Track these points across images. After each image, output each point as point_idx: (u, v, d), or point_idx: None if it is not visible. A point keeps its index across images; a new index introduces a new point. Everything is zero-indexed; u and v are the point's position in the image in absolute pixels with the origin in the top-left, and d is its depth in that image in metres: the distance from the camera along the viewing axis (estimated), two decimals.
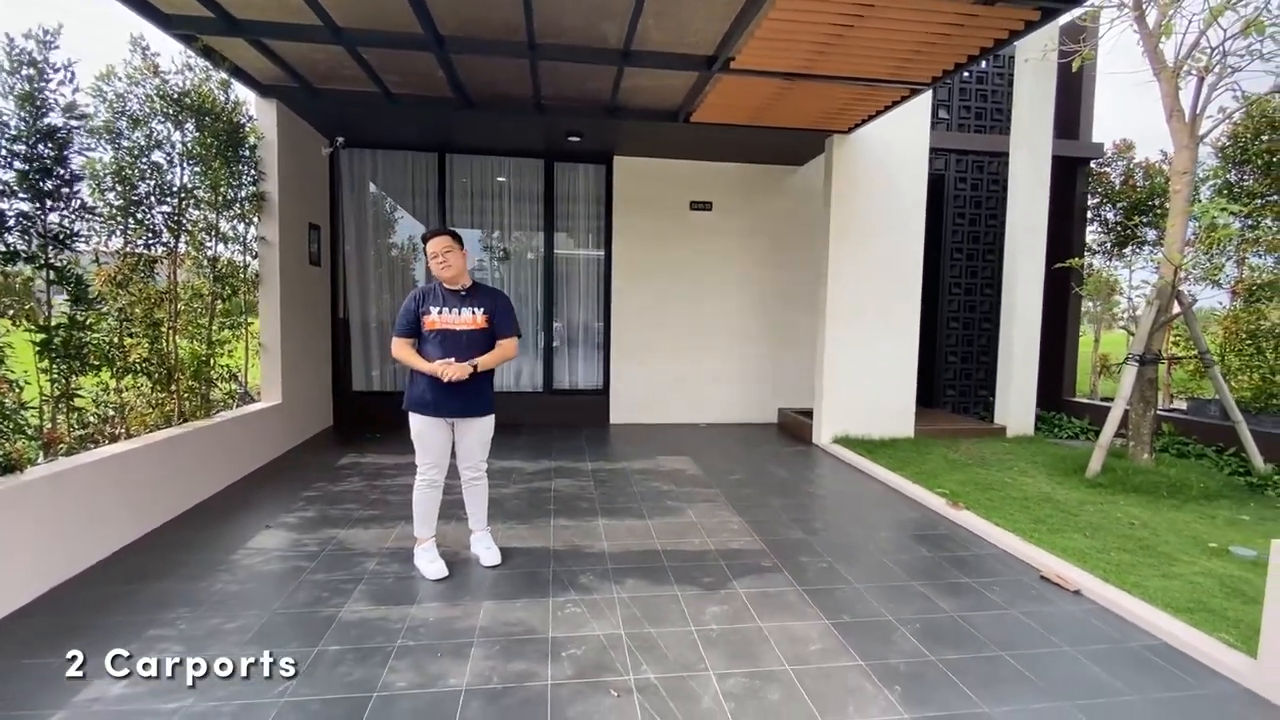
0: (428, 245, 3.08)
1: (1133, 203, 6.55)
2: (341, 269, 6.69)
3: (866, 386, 6.17)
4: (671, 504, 4.30)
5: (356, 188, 6.75)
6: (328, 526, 3.75)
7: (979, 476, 5.08)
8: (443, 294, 3.13)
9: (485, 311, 3.16)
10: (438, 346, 3.08)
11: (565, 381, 7.16)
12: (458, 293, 3.14)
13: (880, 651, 2.54)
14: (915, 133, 6.11)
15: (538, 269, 7.04)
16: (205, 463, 4.21)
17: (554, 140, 6.42)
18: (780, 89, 4.83)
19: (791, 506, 4.41)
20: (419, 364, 3.09)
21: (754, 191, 7.18)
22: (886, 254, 6.13)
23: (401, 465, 5.12)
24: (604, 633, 2.63)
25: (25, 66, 3.04)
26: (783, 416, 7.23)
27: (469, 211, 6.94)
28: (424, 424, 3.19)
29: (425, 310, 3.09)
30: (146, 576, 3.06)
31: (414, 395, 3.18)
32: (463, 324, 3.11)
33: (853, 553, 3.57)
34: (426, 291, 3.14)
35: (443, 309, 3.09)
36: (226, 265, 4.74)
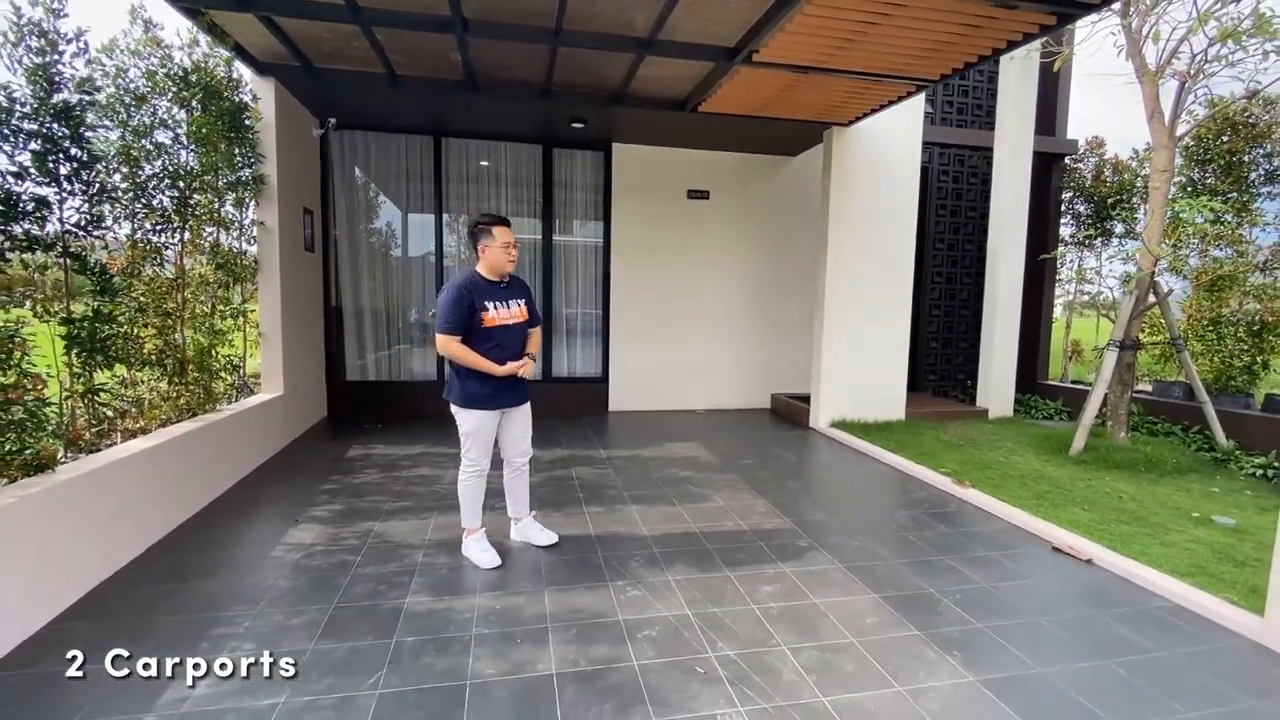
0: (495, 232, 3.01)
1: (1103, 197, 6.96)
2: (333, 255, 6.49)
3: (861, 372, 6.40)
4: (695, 489, 4.41)
5: (347, 171, 6.54)
6: (361, 519, 3.70)
7: (974, 456, 5.38)
8: (488, 288, 3.07)
9: (525, 303, 3.22)
10: (497, 343, 3.05)
11: (564, 369, 7.16)
12: (499, 286, 3.11)
13: (931, 621, 2.72)
14: (910, 126, 6.31)
15: (535, 256, 6.99)
16: (220, 457, 4.08)
17: (555, 126, 6.35)
18: (792, 82, 4.92)
19: (808, 488, 4.58)
20: (488, 366, 3.02)
21: (748, 181, 7.29)
22: (881, 243, 6.34)
23: (413, 456, 5.06)
24: (671, 614, 2.72)
25: (34, 37, 2.85)
26: (776, 402, 7.43)
27: (465, 197, 6.81)
28: (484, 419, 3.14)
29: (482, 307, 3.01)
30: (189, 575, 2.98)
31: (474, 392, 3.08)
32: (514, 319, 3.13)
33: (879, 531, 3.75)
34: (473, 286, 3.02)
35: (496, 305, 3.06)
36: (229, 252, 4.55)
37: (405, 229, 6.89)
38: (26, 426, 2.63)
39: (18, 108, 2.76)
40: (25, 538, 2.45)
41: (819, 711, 2.12)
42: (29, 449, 2.65)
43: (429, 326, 6.88)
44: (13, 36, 2.77)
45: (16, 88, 2.79)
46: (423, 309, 6.90)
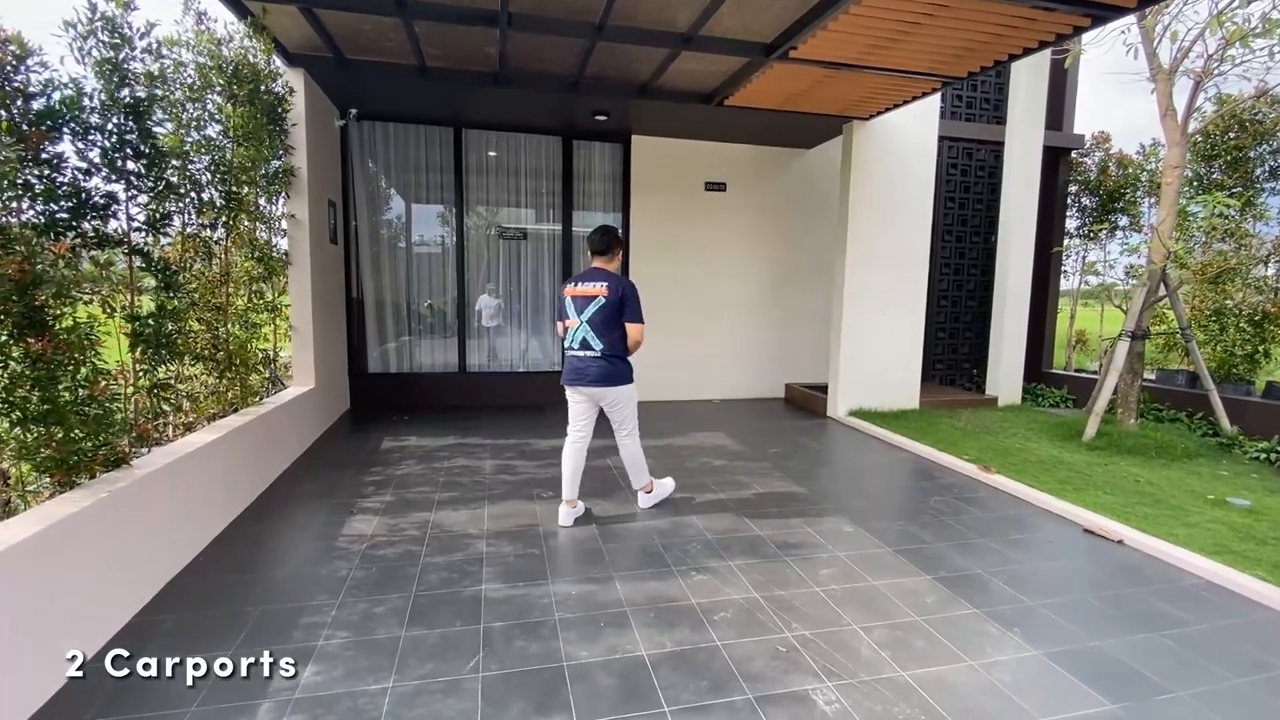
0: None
1: (1109, 191, 7.16)
2: (354, 247, 6.47)
3: (878, 361, 6.55)
4: (732, 477, 4.53)
5: (367, 162, 6.50)
6: (415, 510, 3.76)
7: (992, 443, 5.56)
8: None
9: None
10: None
11: None
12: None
13: (986, 600, 2.86)
14: (926, 120, 6.43)
15: (555, 247, 7.03)
16: (264, 451, 4.11)
17: (578, 118, 6.37)
18: (823, 78, 5.00)
19: (840, 476, 4.72)
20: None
21: (764, 173, 7.37)
22: (898, 235, 6.48)
23: (448, 447, 5.12)
24: (740, 597, 2.84)
25: (105, 31, 2.84)
26: (790, 391, 7.57)
27: (485, 189, 6.82)
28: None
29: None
30: (261, 567, 3.03)
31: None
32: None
33: (917, 516, 3.90)
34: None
35: None
36: (265, 245, 4.55)
37: (423, 220, 6.88)
38: (104, 424, 2.66)
39: (87, 102, 2.75)
40: (110, 534, 2.48)
41: (903, 685, 2.25)
42: (107, 445, 2.68)
43: (449, 318, 6.91)
44: (83, 29, 2.76)
45: (86, 81, 2.78)
46: (442, 300, 6.92)
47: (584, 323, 3.53)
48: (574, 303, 3.57)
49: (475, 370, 6.93)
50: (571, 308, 3.58)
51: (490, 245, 6.94)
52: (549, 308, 7.10)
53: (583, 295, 3.54)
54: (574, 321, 3.56)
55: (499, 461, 4.77)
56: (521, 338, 7.06)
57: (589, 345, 3.55)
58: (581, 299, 3.54)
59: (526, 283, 7.04)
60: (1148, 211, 6.97)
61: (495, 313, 6.96)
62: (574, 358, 3.62)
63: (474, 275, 6.90)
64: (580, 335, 3.55)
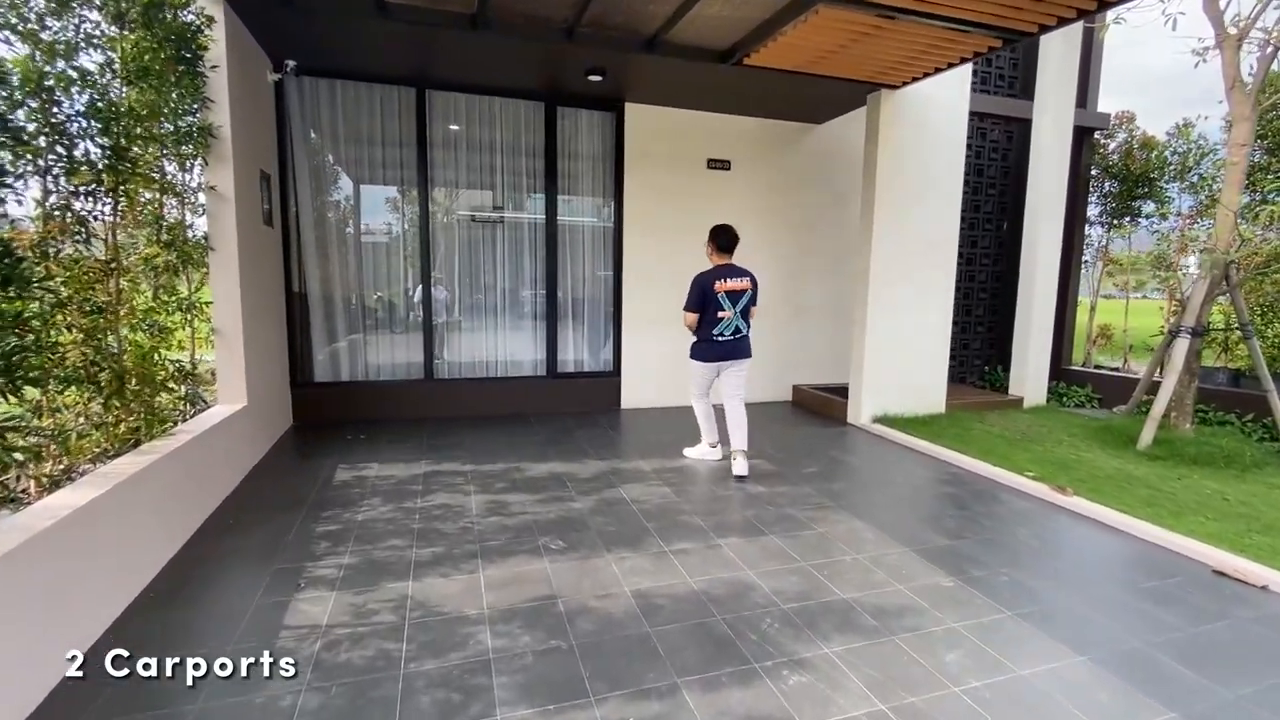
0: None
1: (1135, 175, 6.68)
2: (295, 230, 5.36)
3: (903, 361, 5.89)
4: (778, 510, 3.74)
5: (309, 127, 5.38)
6: (387, 577, 2.81)
7: (1044, 454, 4.96)
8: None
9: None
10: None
11: (570, 363, 6.31)
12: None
13: (1172, 692, 2.15)
14: (957, 91, 5.77)
15: (536, 232, 6.07)
16: (177, 498, 3.07)
17: (567, 78, 5.42)
18: (870, 29, 4.23)
19: (899, 503, 3.99)
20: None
21: (770, 150, 6.58)
22: (928, 220, 5.81)
23: (420, 477, 4.15)
24: (862, 712, 2.04)
25: None
26: (799, 394, 6.86)
27: (453, 164, 5.79)
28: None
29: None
30: (155, 700, 2.05)
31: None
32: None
33: (1019, 560, 3.19)
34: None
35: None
36: (176, 225, 3.47)
37: (378, 201, 5.81)
38: None
39: None
40: None
41: None
42: None
43: (411, 316, 5.88)
44: None
45: None
46: (395, 292, 5.88)
47: (737, 313, 4.28)
48: (729, 297, 4.25)
49: (444, 377, 5.92)
50: (727, 301, 4.24)
51: (461, 231, 5.92)
52: (532, 302, 6.14)
53: (735, 290, 4.26)
54: (729, 313, 4.26)
55: (487, 497, 3.84)
56: (498, 338, 6.09)
57: (739, 330, 4.33)
58: (735, 293, 4.26)
59: (504, 274, 6.06)
60: (1178, 198, 6.55)
61: (443, 307, 5.94)
62: (728, 342, 4.32)
63: (441, 266, 5.88)
64: (734, 324, 4.29)
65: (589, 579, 2.85)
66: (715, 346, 4.31)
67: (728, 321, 4.25)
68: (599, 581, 2.83)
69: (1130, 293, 6.97)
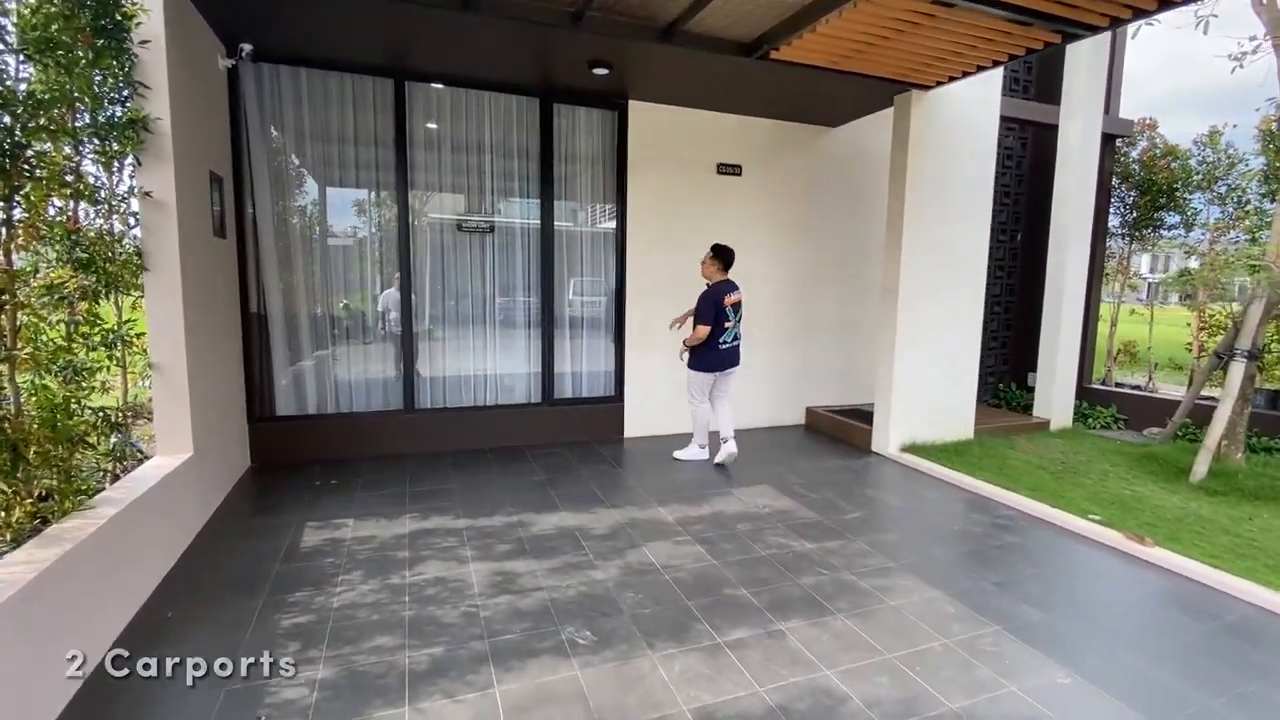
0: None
1: (1158, 186, 6.37)
2: (253, 241, 4.64)
3: (931, 384, 5.44)
4: (837, 577, 3.20)
5: (271, 122, 4.67)
6: (374, 703, 2.17)
7: (1095, 489, 4.55)
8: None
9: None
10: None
11: (568, 388, 5.69)
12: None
13: None
14: (988, 94, 5.35)
15: (530, 242, 5.44)
16: (90, 596, 2.38)
17: (567, 71, 4.81)
18: (917, 19, 3.75)
19: (965, 561, 3.49)
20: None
21: (782, 154, 6.08)
22: (956, 232, 5.38)
23: (406, 538, 3.49)
24: None
25: None
26: (813, 417, 6.37)
27: (437, 167, 5.12)
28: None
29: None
30: None
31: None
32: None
33: (1129, 640, 2.71)
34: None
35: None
36: (97, 238, 2.78)
37: (350, 207, 5.11)
38: None
39: None
40: None
41: None
42: None
43: (389, 338, 5.19)
44: None
45: None
46: (370, 313, 5.19)
47: (737, 322, 4.85)
48: (734, 309, 4.82)
49: (427, 407, 5.25)
50: (733, 313, 4.81)
51: (446, 242, 5.26)
52: (525, 321, 5.51)
53: (738, 302, 4.84)
54: (732, 323, 4.82)
55: (490, 566, 3.21)
56: (487, 361, 5.44)
57: (738, 338, 4.90)
58: (737, 305, 4.84)
59: (494, 289, 5.42)
60: (1205, 209, 6.26)
61: (425, 327, 5.26)
62: (730, 350, 4.88)
63: (423, 281, 5.21)
64: (735, 332, 4.85)
65: (634, 692, 2.26)
66: (721, 355, 4.83)
67: (731, 331, 4.82)
68: (647, 695, 2.24)
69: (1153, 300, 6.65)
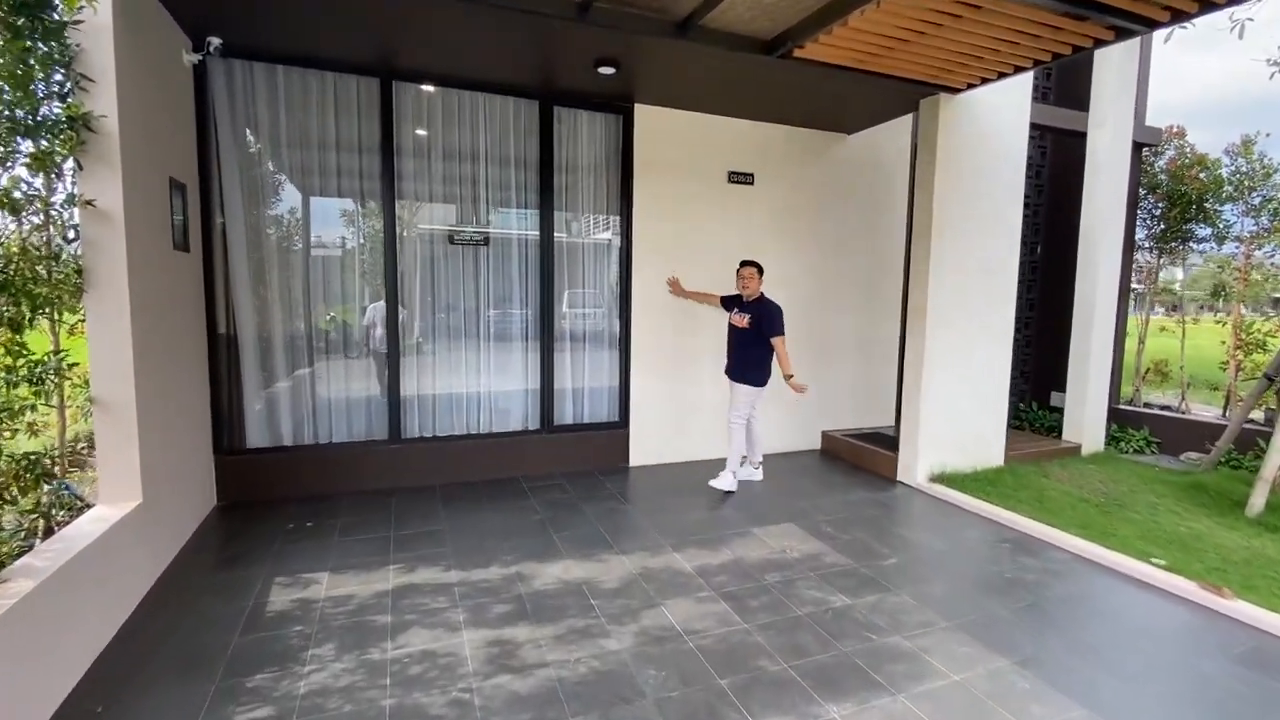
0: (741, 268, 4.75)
1: (1188, 197, 6.06)
2: (222, 255, 4.20)
3: (962, 407, 5.06)
4: (883, 642, 2.78)
5: (244, 125, 4.24)
6: None
7: (1147, 525, 4.16)
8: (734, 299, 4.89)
9: (750, 317, 4.62)
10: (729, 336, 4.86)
11: (569, 413, 5.26)
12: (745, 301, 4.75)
13: None
14: (1019, 99, 5.02)
15: (528, 254, 5.03)
16: (13, 675, 1.92)
17: (569, 69, 4.42)
18: (959, 12, 3.40)
19: (1026, 617, 3.06)
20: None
21: (795, 162, 5.72)
22: (986, 246, 5.02)
23: (386, 597, 3.04)
24: None
25: None
26: (830, 442, 5.97)
27: (426, 174, 4.71)
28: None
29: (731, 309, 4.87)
30: None
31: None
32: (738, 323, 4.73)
33: (1224, 716, 2.31)
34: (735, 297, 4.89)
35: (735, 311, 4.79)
36: (22, 254, 2.34)
37: (332, 217, 4.68)
38: None
39: None
40: None
41: None
42: None
43: (373, 359, 4.75)
44: None
45: None
46: (354, 333, 4.75)
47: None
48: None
49: (415, 436, 4.80)
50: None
51: (437, 255, 4.84)
52: (523, 339, 5.09)
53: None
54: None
55: (486, 634, 2.76)
56: (481, 383, 5.00)
57: None
58: None
59: (489, 306, 5.00)
60: (1240, 221, 5.95)
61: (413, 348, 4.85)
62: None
63: (412, 297, 4.79)
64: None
65: None
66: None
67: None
68: None
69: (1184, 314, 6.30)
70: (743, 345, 4.66)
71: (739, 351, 4.69)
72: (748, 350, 4.63)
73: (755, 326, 4.57)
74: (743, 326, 4.63)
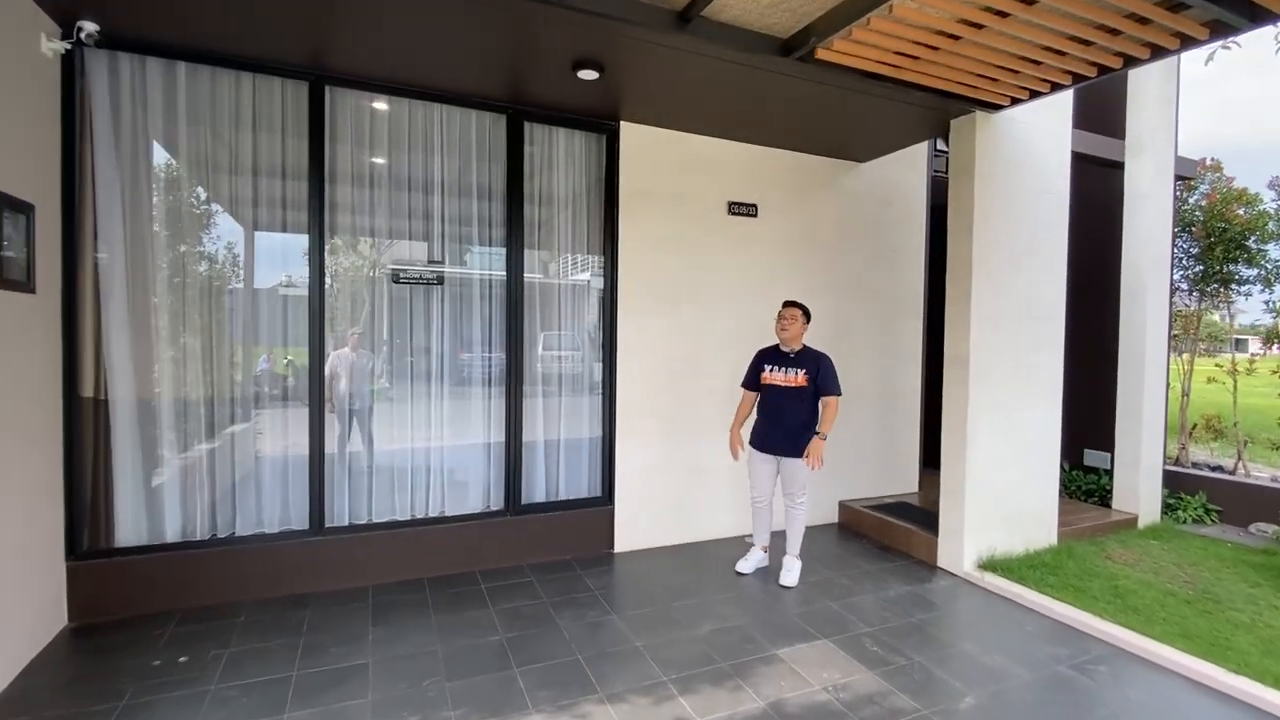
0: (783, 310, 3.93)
1: (1231, 234, 5.49)
2: (92, 296, 3.26)
3: (1009, 479, 4.26)
4: None
5: (127, 132, 3.37)
6: None
7: (1263, 631, 3.34)
8: (773, 353, 3.97)
9: (805, 372, 3.82)
10: (765, 399, 3.94)
11: (539, 488, 4.33)
12: (787, 355, 3.90)
13: None
14: (1059, 122, 4.41)
15: (492, 296, 4.18)
16: None
17: (542, 73, 3.66)
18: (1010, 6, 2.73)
19: None
20: (734, 422, 4.06)
21: (802, 192, 5.02)
22: (1029, 286, 4.32)
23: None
24: None
25: None
26: (849, 514, 5.11)
27: (365, 209, 3.87)
28: (752, 455, 3.98)
29: (762, 369, 3.94)
30: None
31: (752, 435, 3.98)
32: (786, 381, 3.84)
33: None
34: (763, 351, 4.04)
35: (773, 369, 3.90)
36: None
37: (237, 248, 3.79)
38: None
39: None
40: None
41: None
42: None
43: (289, 424, 3.80)
44: None
45: None
46: (269, 393, 3.82)
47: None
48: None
49: (344, 524, 3.82)
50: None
51: (380, 296, 3.97)
52: (485, 398, 4.19)
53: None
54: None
55: None
56: (431, 457, 4.07)
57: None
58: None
59: (442, 359, 4.11)
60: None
61: (365, 375, 3.95)
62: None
63: (345, 348, 3.88)
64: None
65: None
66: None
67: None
68: None
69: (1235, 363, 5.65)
70: (792, 409, 3.80)
71: (787, 416, 3.81)
72: (798, 414, 3.80)
73: (812, 383, 3.79)
74: (797, 385, 3.79)
